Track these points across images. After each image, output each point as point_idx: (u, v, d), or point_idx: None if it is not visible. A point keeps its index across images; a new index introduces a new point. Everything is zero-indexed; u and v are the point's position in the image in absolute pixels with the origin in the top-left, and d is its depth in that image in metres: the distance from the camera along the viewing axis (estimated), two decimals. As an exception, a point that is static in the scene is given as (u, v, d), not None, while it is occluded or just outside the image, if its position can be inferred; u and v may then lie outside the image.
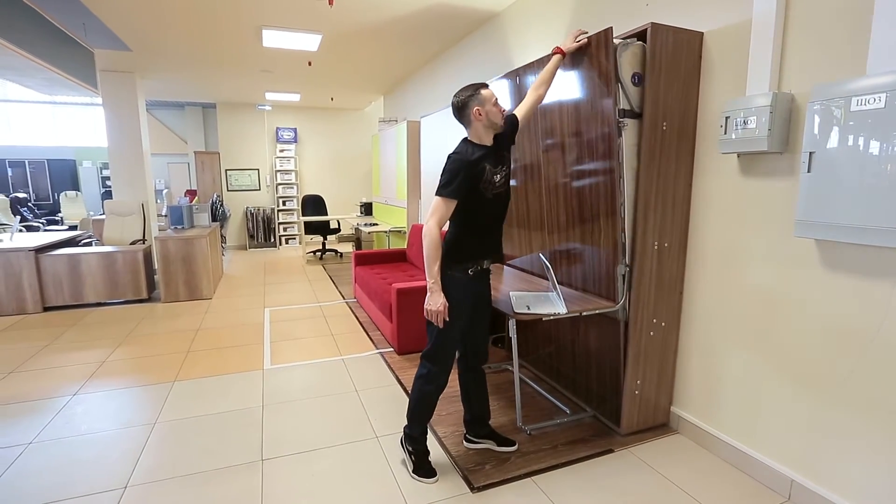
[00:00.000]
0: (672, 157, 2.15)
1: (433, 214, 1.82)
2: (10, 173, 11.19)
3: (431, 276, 1.84)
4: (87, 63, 5.37)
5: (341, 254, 7.73)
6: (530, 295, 2.37)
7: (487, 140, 1.91)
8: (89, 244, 5.38)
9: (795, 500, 1.83)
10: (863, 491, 1.64)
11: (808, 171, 1.65)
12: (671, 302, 2.28)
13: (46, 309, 4.55)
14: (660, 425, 2.39)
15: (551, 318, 2.10)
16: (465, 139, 1.93)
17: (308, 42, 4.62)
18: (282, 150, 8.62)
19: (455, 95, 1.90)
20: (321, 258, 7.50)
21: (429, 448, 2.07)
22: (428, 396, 2.00)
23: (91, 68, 5.65)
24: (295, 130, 8.66)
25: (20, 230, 6.08)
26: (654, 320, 2.25)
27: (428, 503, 1.84)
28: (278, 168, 8.60)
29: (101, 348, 3.54)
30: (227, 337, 3.81)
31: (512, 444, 2.21)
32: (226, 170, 8.49)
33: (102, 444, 2.27)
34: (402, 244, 5.56)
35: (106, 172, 11.54)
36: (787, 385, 1.86)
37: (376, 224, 6.28)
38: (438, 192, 1.83)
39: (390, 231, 5.70)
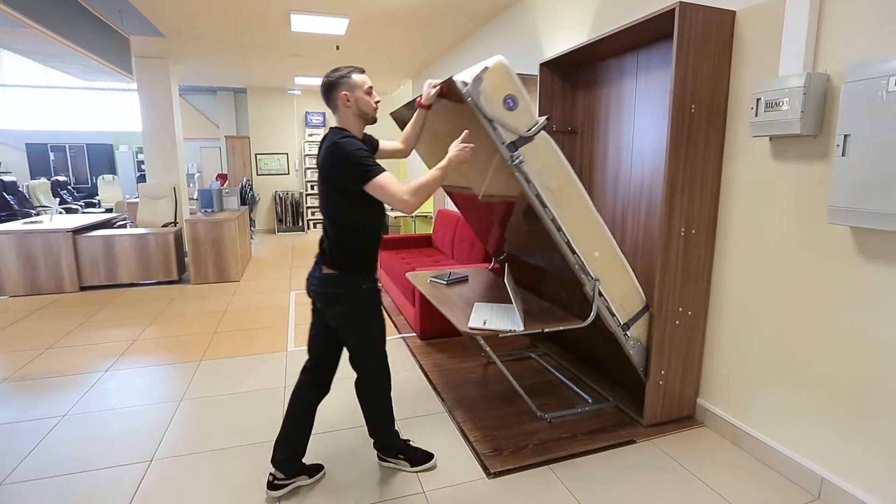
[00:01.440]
0: (700, 141, 2.09)
1: (396, 190, 1.58)
2: (52, 157, 11.79)
3: (439, 170, 1.67)
4: (123, 49, 5.58)
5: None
6: (494, 307, 2.32)
7: (358, 133, 1.72)
8: (124, 226, 5.65)
9: (825, 500, 1.79)
10: (897, 492, 1.59)
11: (843, 155, 1.58)
12: (698, 291, 2.22)
13: (83, 288, 4.81)
14: (685, 417, 2.36)
15: (507, 334, 2.05)
16: (336, 128, 1.72)
17: (336, 26, 4.67)
18: (310, 135, 8.77)
19: (325, 75, 1.70)
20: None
21: (404, 437, 2.08)
22: (387, 400, 1.95)
23: (127, 54, 5.87)
24: (324, 115, 8.79)
25: (59, 212, 6.42)
26: (680, 309, 2.21)
27: (444, 486, 1.88)
28: (307, 152, 8.76)
29: (132, 327, 3.73)
30: (253, 319, 3.94)
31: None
32: (255, 154, 8.71)
33: (131, 418, 2.41)
34: (429, 229, 5.60)
35: (141, 157, 12.01)
36: (823, 380, 1.80)
37: (401, 210, 6.34)
38: (372, 175, 1.58)
39: (416, 216, 5.74)
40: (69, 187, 9.70)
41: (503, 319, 2.12)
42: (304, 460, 1.92)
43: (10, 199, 6.80)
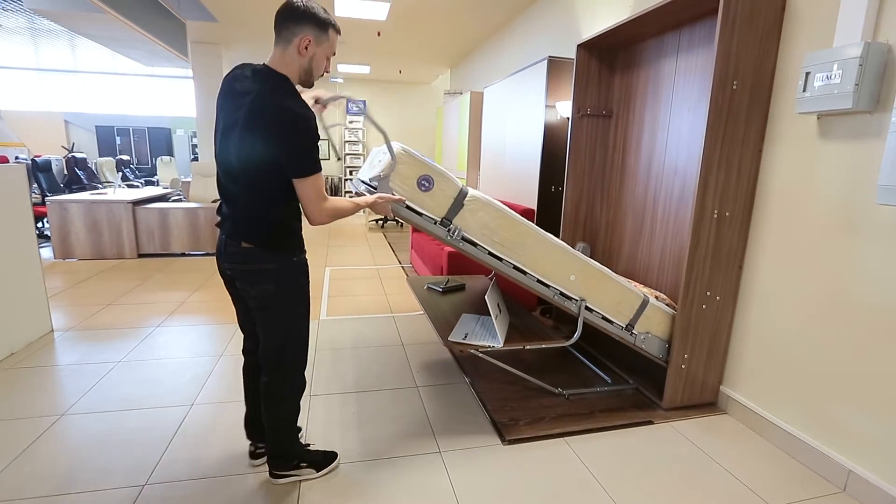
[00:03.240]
0: (741, 120, 1.98)
1: (319, 198, 1.41)
2: (118, 140, 12.49)
3: (362, 203, 1.61)
4: (180, 34, 5.82)
5: (402, 223, 7.91)
6: (480, 319, 2.29)
7: (296, 84, 1.44)
8: (178, 201, 5.92)
9: (851, 492, 1.69)
10: (931, 487, 1.48)
11: (899, 131, 1.46)
12: (729, 276, 2.13)
13: (140, 255, 5.10)
14: (707, 404, 2.28)
15: (488, 350, 2.00)
16: (281, 77, 1.39)
17: (377, 11, 4.70)
18: (351, 122, 8.89)
19: (301, 1, 1.38)
20: (383, 227, 7.73)
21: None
22: (298, 403, 1.65)
23: (183, 39, 6.12)
24: (364, 102, 8.89)
25: (121, 186, 6.80)
26: (708, 293, 2.13)
27: (460, 448, 1.90)
28: (347, 139, 8.90)
29: (182, 291, 3.93)
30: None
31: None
32: (298, 140, 8.93)
33: (178, 367, 2.55)
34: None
35: (196, 140, 12.51)
36: (859, 371, 1.70)
37: (435, 195, 6.36)
38: (313, 171, 1.38)
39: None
40: (131, 166, 10.25)
41: (486, 333, 2.08)
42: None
43: (80, 174, 7.26)
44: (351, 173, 9.07)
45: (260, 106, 1.34)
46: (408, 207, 1.85)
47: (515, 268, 2.02)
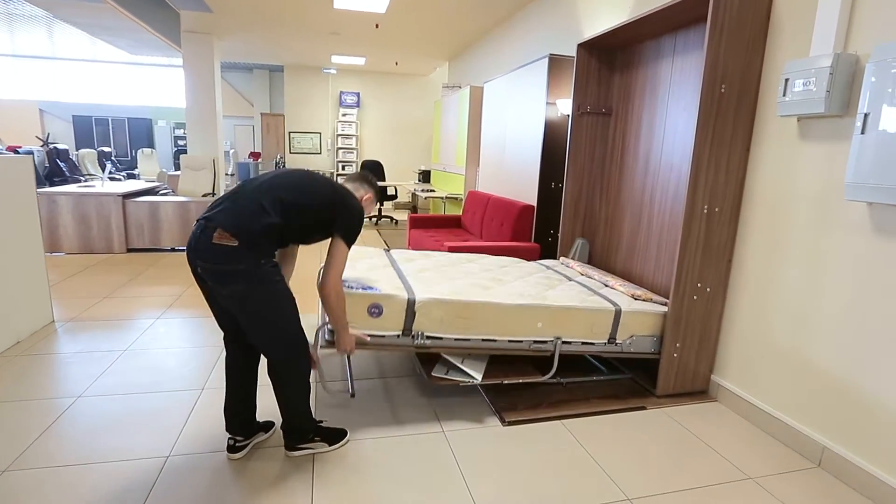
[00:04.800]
0: (729, 121, 2.25)
1: (339, 265, 1.80)
2: (95, 130, 12.61)
3: (343, 325, 1.91)
4: (173, 23, 6.03)
5: (396, 221, 8.15)
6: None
7: None
8: (166, 195, 6.13)
9: (825, 467, 1.96)
10: None
11: (862, 133, 1.73)
12: (719, 268, 2.40)
13: (129, 250, 5.30)
14: (698, 392, 2.54)
15: (468, 384, 2.25)
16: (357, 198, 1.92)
17: (377, 4, 4.94)
18: (344, 115, 9.14)
19: (364, 173, 2.10)
20: (376, 224, 7.97)
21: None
22: (307, 382, 1.87)
23: (176, 29, 6.33)
24: (358, 95, 9.13)
25: (106, 179, 6.98)
26: (699, 285, 2.39)
27: (461, 428, 2.14)
28: (340, 132, 9.14)
29: (177, 285, 4.14)
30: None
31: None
32: (289, 132, 9.15)
33: (183, 356, 2.78)
34: (458, 211, 5.84)
35: (178, 132, 12.69)
36: (833, 354, 1.96)
37: (433, 191, 6.60)
38: (349, 241, 1.82)
39: (446, 198, 5.99)
40: (112, 158, 10.41)
41: (470, 366, 2.30)
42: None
43: (62, 165, 7.42)
44: (343, 167, 9.30)
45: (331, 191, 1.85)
46: (370, 335, 2.10)
47: (484, 340, 2.25)
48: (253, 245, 1.62)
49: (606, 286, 2.77)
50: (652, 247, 2.93)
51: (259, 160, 6.30)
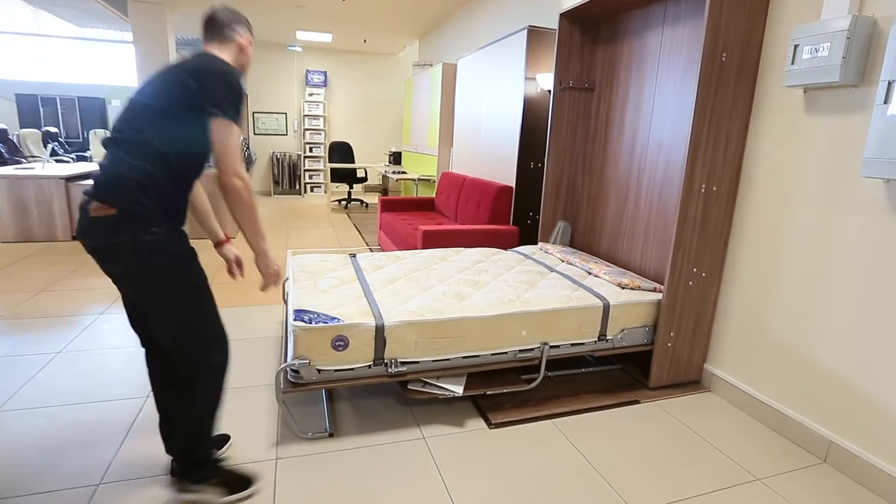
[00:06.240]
0: (729, 94, 2.04)
1: (232, 150, 1.30)
2: (42, 110, 11.61)
3: (262, 235, 1.47)
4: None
5: (367, 204, 7.79)
6: None
7: None
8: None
9: (832, 462, 1.81)
10: (907, 453, 1.60)
11: (885, 102, 1.53)
12: (715, 251, 2.21)
13: (75, 238, 4.78)
14: (691, 382, 2.37)
15: (448, 395, 1.96)
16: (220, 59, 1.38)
17: (342, -29, 4.52)
18: (311, 95, 8.61)
19: (225, 7, 1.47)
20: (346, 207, 7.59)
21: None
22: (219, 397, 1.47)
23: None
24: (325, 74, 8.62)
25: (49, 161, 6.35)
26: (695, 269, 2.20)
27: (443, 434, 1.90)
28: (306, 113, 8.62)
29: (127, 276, 3.72)
30: (249, 273, 3.91)
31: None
32: (253, 112, 8.57)
33: (127, 358, 2.42)
34: (431, 193, 5.55)
35: (134, 113, 11.79)
36: (840, 343, 1.80)
37: (404, 172, 6.27)
38: (224, 113, 1.28)
39: (419, 179, 5.68)
40: (60, 139, 9.58)
41: (449, 381, 2.02)
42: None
43: (0, 147, 6.72)
44: (311, 150, 8.82)
45: (187, 61, 1.34)
46: (337, 371, 1.81)
47: (465, 357, 1.99)
48: (132, 207, 1.24)
49: (590, 274, 2.55)
50: (639, 229, 2.72)
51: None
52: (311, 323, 1.76)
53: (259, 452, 1.74)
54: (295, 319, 1.78)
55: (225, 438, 1.75)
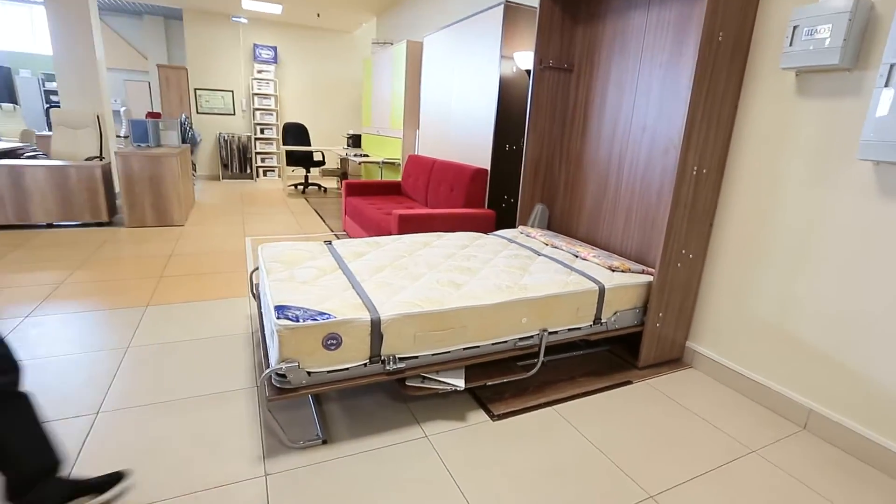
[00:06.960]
0: (723, 74, 2.02)
1: None
2: (-65, 80, 10.11)
3: None
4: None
5: (325, 189, 7.43)
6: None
7: None
8: (35, 158, 4.93)
9: (811, 429, 1.87)
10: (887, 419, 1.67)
11: (886, 86, 1.55)
12: (701, 232, 2.21)
13: (-9, 226, 4.18)
14: (674, 360, 2.40)
15: (448, 390, 1.87)
16: None
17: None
18: (260, 71, 8.02)
19: None
20: (304, 192, 7.19)
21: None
22: (35, 415, 1.28)
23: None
24: (275, 49, 8.05)
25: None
26: (683, 251, 2.19)
27: (447, 430, 1.78)
28: (256, 91, 8.03)
29: (55, 270, 3.27)
30: (206, 263, 3.59)
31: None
32: (195, 89, 7.88)
33: (66, 368, 2.08)
34: (396, 177, 5.34)
35: (49, 85, 10.60)
36: (821, 318, 1.84)
37: (367, 155, 6.00)
38: None
39: (384, 163, 5.44)
40: (-40, 115, 8.37)
41: (449, 375, 1.92)
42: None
43: None
44: (262, 131, 8.26)
45: None
46: (329, 372, 1.64)
47: (466, 349, 1.89)
48: None
49: (577, 257, 2.50)
50: (620, 213, 2.70)
51: (160, 120, 5.25)
52: (298, 321, 1.57)
53: (243, 469, 1.54)
54: (278, 317, 1.58)
55: (114, 478, 1.40)
